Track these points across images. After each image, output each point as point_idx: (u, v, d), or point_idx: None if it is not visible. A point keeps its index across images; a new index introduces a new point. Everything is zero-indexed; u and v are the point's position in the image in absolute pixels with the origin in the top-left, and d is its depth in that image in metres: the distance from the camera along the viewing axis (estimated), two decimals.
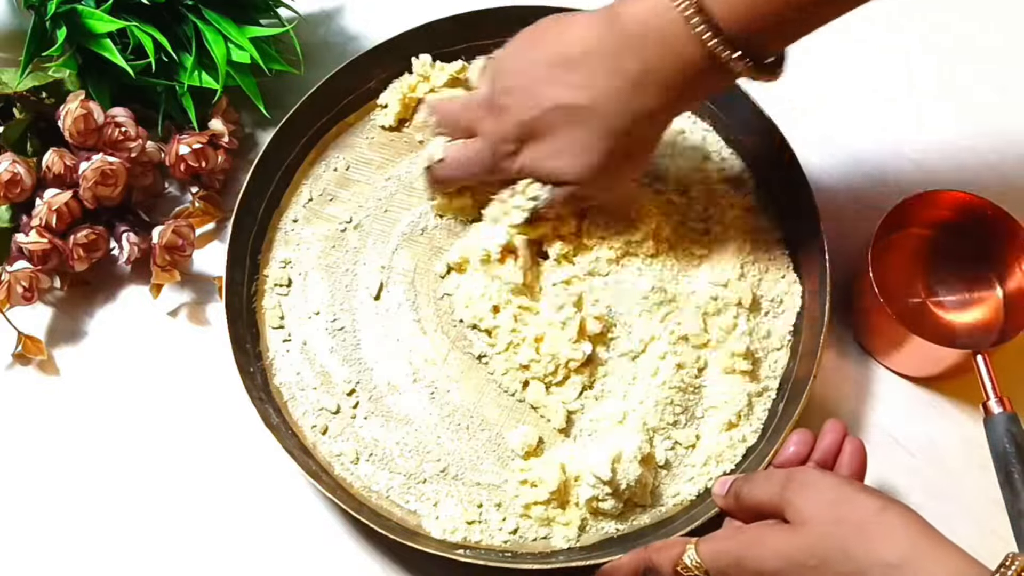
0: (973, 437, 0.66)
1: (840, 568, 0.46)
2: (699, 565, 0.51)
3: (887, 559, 0.45)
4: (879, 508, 0.47)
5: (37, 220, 0.69)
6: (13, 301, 0.69)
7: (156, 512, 0.68)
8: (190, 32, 0.73)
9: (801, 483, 0.50)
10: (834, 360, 0.70)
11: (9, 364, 0.72)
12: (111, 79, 0.74)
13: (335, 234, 0.74)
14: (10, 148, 0.71)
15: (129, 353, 0.72)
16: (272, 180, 0.74)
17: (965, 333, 0.69)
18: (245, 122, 0.79)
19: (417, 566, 0.65)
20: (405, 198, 0.75)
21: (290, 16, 0.80)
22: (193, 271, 0.75)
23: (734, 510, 0.54)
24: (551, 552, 0.64)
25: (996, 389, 0.64)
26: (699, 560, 0.51)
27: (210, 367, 0.70)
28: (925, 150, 0.77)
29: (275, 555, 0.66)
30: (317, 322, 0.71)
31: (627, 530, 0.64)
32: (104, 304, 0.74)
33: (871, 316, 0.68)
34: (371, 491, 0.66)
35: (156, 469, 0.69)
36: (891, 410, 0.69)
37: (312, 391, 0.69)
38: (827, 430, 0.55)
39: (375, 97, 0.78)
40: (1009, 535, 0.61)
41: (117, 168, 0.70)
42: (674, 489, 0.65)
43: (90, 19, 0.70)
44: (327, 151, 0.77)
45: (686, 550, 0.52)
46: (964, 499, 0.66)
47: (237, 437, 0.68)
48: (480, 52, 0.78)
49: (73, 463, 0.69)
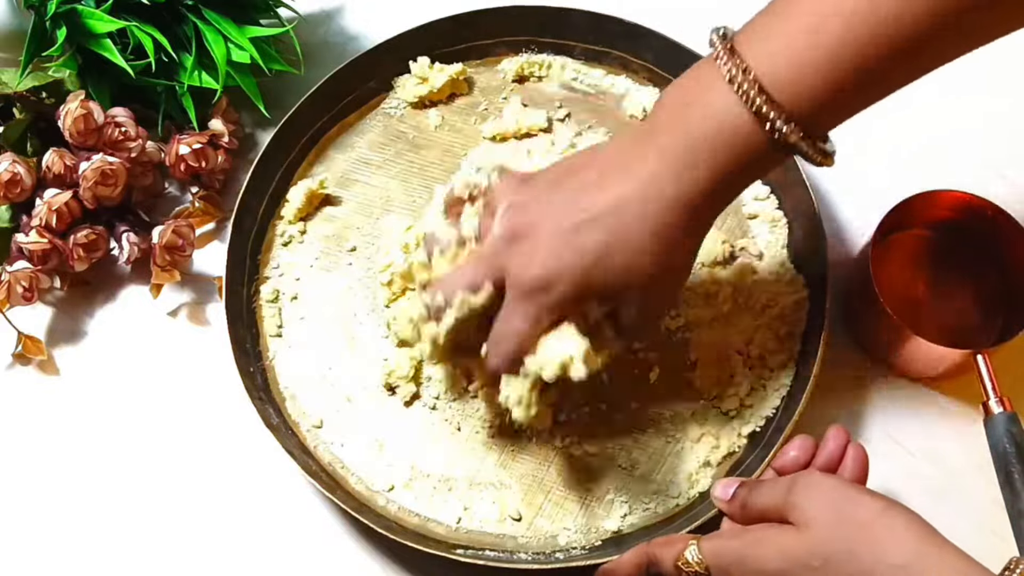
0: (973, 437, 0.66)
1: (844, 569, 0.46)
2: (700, 562, 0.51)
3: (892, 560, 0.45)
4: (882, 509, 0.47)
5: (37, 220, 0.69)
6: (13, 301, 0.69)
7: (156, 512, 0.68)
8: (190, 32, 0.73)
9: (804, 485, 0.50)
10: (834, 360, 0.70)
11: (9, 364, 0.72)
12: (111, 79, 0.74)
13: (335, 234, 0.74)
14: (10, 148, 0.71)
15: (129, 353, 0.72)
16: (272, 180, 0.74)
17: (965, 333, 0.69)
18: (245, 122, 0.79)
19: (417, 566, 0.65)
20: (405, 197, 0.75)
21: (290, 16, 0.80)
22: (193, 271, 0.75)
23: (738, 517, 0.54)
24: (551, 552, 0.64)
25: (996, 389, 0.64)
26: (701, 557, 0.51)
27: (210, 367, 0.70)
28: (925, 150, 0.77)
29: (275, 555, 0.66)
30: (317, 322, 0.71)
31: (627, 530, 0.64)
32: (104, 304, 0.74)
33: (871, 316, 0.68)
34: (371, 491, 0.66)
35: (156, 469, 0.69)
36: (891, 410, 0.69)
37: (312, 391, 0.69)
38: (830, 436, 0.55)
39: (375, 97, 0.78)
40: (1009, 535, 0.61)
41: (117, 168, 0.70)
42: (674, 488, 0.65)
43: (90, 19, 0.70)
44: (327, 151, 0.77)
45: (688, 546, 0.51)
46: (964, 499, 0.66)
47: (237, 437, 0.68)
48: (479, 52, 0.79)
49: (73, 463, 0.69)
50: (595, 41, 0.78)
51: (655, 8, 0.77)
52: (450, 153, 0.76)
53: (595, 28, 0.77)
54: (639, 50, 0.77)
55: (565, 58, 0.78)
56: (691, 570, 0.51)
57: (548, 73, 0.78)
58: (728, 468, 0.66)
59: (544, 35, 0.78)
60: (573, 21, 0.77)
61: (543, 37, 0.79)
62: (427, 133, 0.77)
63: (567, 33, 0.78)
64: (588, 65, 0.78)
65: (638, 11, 0.76)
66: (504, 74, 0.79)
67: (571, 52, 0.79)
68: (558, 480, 0.66)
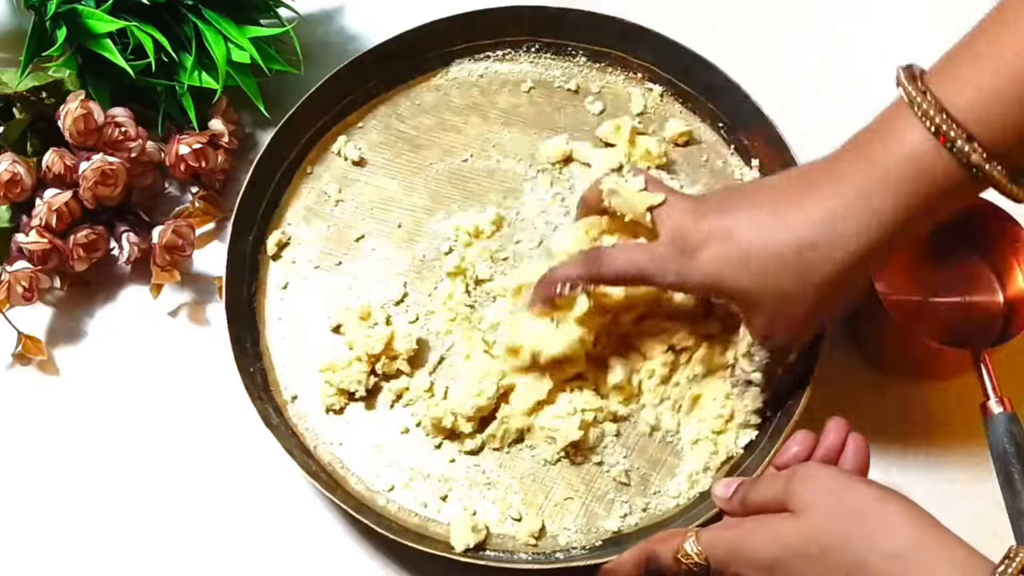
0: (973, 437, 0.66)
1: (841, 557, 0.46)
2: (699, 553, 0.51)
3: (889, 549, 0.45)
4: (879, 496, 0.47)
5: (37, 220, 0.69)
6: (13, 301, 0.69)
7: (156, 512, 0.68)
8: (190, 32, 0.73)
9: (803, 476, 0.50)
10: (834, 360, 0.70)
11: (9, 364, 0.72)
12: (111, 79, 0.74)
13: (335, 233, 0.74)
14: (10, 148, 0.71)
15: (129, 353, 0.72)
16: (272, 180, 0.74)
17: (965, 333, 0.69)
18: (245, 122, 0.79)
19: (417, 566, 0.65)
20: (405, 197, 0.75)
21: (290, 16, 0.80)
22: (193, 271, 0.75)
23: (738, 513, 0.54)
24: (551, 552, 0.64)
25: (996, 389, 0.64)
26: (699, 548, 0.51)
27: (210, 367, 0.70)
28: None
29: (275, 555, 0.66)
30: (317, 322, 0.71)
31: (627, 530, 0.64)
32: (104, 304, 0.74)
33: (871, 316, 0.68)
34: (371, 490, 0.66)
35: (156, 469, 0.69)
36: (891, 410, 0.69)
37: (313, 391, 0.69)
38: (830, 428, 0.55)
39: (375, 97, 0.78)
40: (1009, 535, 0.61)
41: (117, 168, 0.70)
42: (674, 488, 0.65)
43: (90, 19, 0.70)
44: (327, 151, 0.77)
45: (687, 539, 0.52)
46: (964, 499, 0.66)
47: (237, 437, 0.68)
48: (477, 52, 0.79)
49: (73, 463, 0.69)
50: (595, 41, 0.78)
51: (656, 8, 0.77)
52: (450, 153, 0.76)
53: (595, 28, 0.77)
54: (638, 50, 0.77)
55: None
56: (690, 561, 0.51)
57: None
58: (728, 469, 0.65)
59: (544, 35, 0.79)
60: (572, 21, 0.77)
61: (543, 37, 0.79)
62: (427, 133, 0.77)
63: (566, 33, 0.78)
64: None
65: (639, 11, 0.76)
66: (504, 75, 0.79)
67: (571, 52, 0.79)
68: (558, 480, 0.66)
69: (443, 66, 0.79)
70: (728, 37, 0.81)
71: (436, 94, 0.79)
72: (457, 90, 0.79)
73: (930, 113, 0.50)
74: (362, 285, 0.72)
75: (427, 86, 0.79)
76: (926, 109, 0.50)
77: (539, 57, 0.79)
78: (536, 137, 0.77)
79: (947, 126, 0.50)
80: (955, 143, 0.50)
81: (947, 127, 0.50)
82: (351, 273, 0.72)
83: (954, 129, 0.50)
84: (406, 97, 0.79)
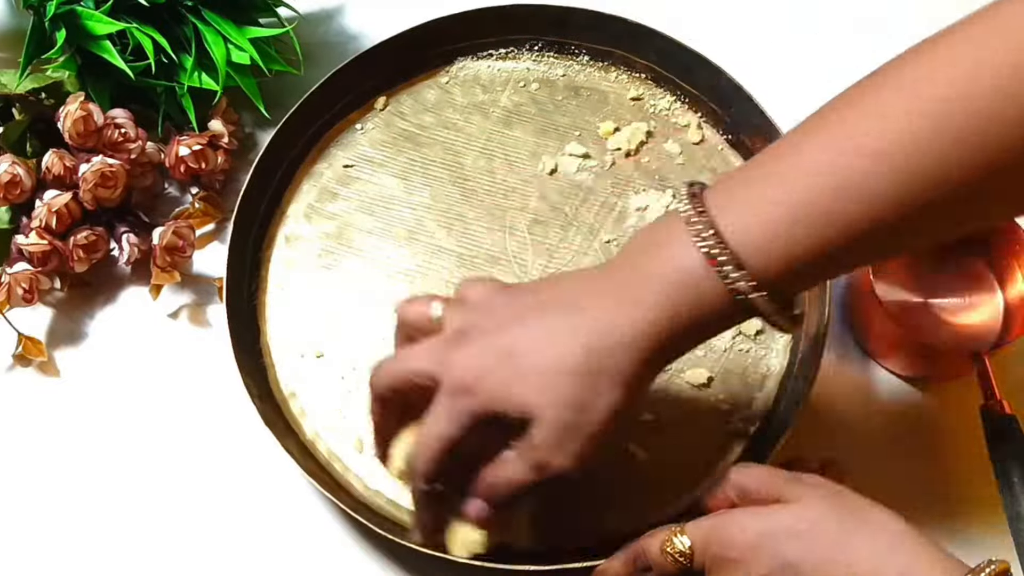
0: (973, 438, 0.66)
1: (830, 534, 0.47)
2: (683, 542, 0.51)
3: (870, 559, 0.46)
4: (868, 505, 0.48)
5: (37, 222, 0.69)
6: (13, 302, 0.69)
7: (156, 512, 0.68)
8: (190, 33, 0.73)
9: (799, 476, 0.51)
10: (834, 361, 0.70)
11: (9, 366, 0.72)
12: (111, 80, 0.74)
13: (336, 233, 0.74)
14: (9, 149, 0.71)
15: (129, 354, 0.72)
16: (272, 180, 0.74)
17: (965, 334, 0.69)
18: (245, 122, 0.79)
19: (416, 566, 0.66)
20: (407, 196, 0.75)
21: (290, 16, 0.80)
22: (193, 272, 0.75)
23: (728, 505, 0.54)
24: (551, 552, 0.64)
25: (996, 390, 0.64)
26: (684, 537, 0.51)
27: (210, 368, 0.70)
28: None
29: (275, 555, 0.66)
30: (317, 322, 0.71)
31: (627, 530, 0.64)
32: (104, 305, 0.74)
33: (871, 317, 0.68)
34: (371, 490, 0.66)
35: (157, 470, 0.69)
36: (891, 411, 0.69)
37: (313, 391, 0.69)
38: None
39: (375, 97, 0.78)
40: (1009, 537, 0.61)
41: (117, 170, 0.70)
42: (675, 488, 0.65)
43: (89, 20, 0.70)
44: (327, 150, 0.77)
45: (673, 531, 0.52)
46: (964, 500, 0.66)
47: (237, 437, 0.69)
48: (479, 51, 0.78)
49: (73, 464, 0.69)
50: (598, 40, 0.78)
51: (659, 8, 0.77)
52: (451, 151, 0.76)
53: (598, 27, 0.77)
54: (641, 50, 0.77)
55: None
56: (675, 551, 0.51)
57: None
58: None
59: (547, 34, 0.78)
60: (576, 20, 0.77)
61: (545, 36, 0.79)
62: (429, 131, 0.77)
63: (569, 32, 0.78)
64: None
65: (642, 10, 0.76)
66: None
67: (573, 51, 0.79)
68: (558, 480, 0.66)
69: (445, 64, 0.79)
70: (732, 38, 0.81)
71: (438, 92, 0.79)
72: (459, 88, 0.79)
73: (703, 234, 0.47)
74: (363, 284, 0.72)
75: (429, 84, 0.79)
76: (700, 229, 0.47)
77: (542, 56, 0.79)
78: (538, 136, 0.77)
79: (718, 250, 0.47)
80: (722, 268, 0.46)
81: (718, 251, 0.47)
82: (352, 272, 0.72)
83: (726, 254, 0.46)
84: (408, 95, 0.79)
